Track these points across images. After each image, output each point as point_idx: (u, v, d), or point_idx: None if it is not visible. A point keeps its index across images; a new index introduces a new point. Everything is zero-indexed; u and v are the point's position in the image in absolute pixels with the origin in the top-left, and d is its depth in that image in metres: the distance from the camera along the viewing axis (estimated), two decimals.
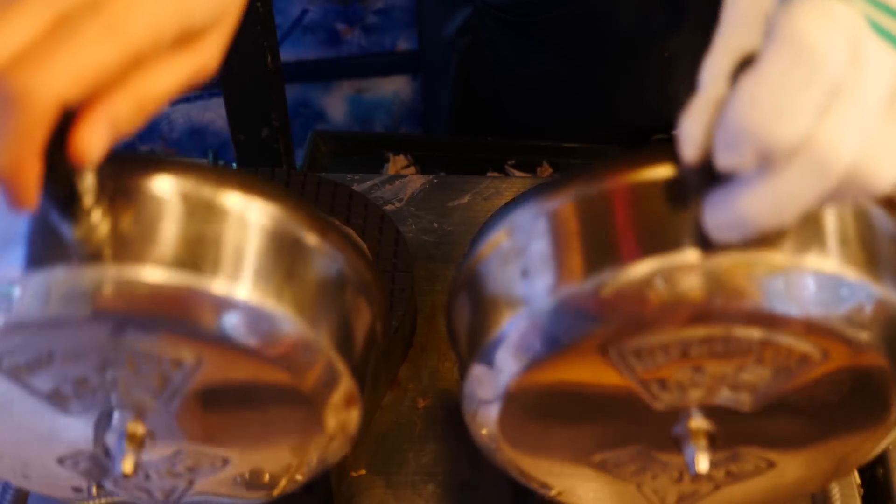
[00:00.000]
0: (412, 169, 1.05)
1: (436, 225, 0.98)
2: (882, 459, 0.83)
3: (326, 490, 0.77)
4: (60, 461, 0.64)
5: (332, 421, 0.61)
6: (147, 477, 0.65)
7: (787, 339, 0.53)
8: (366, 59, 1.57)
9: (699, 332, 0.53)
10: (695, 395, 0.57)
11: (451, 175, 1.02)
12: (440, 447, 0.83)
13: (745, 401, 0.58)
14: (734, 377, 0.56)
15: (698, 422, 0.59)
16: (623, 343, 0.54)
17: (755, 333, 0.53)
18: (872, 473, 0.84)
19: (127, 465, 0.59)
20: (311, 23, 1.52)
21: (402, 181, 1.00)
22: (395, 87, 1.60)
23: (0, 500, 0.73)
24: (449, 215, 0.98)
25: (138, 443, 0.59)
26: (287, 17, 1.52)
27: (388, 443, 0.84)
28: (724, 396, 0.57)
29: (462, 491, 0.81)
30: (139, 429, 0.59)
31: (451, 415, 0.85)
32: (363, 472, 0.82)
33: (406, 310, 0.86)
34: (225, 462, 0.64)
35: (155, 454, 0.63)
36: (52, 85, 0.46)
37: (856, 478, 0.82)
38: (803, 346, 0.54)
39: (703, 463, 0.58)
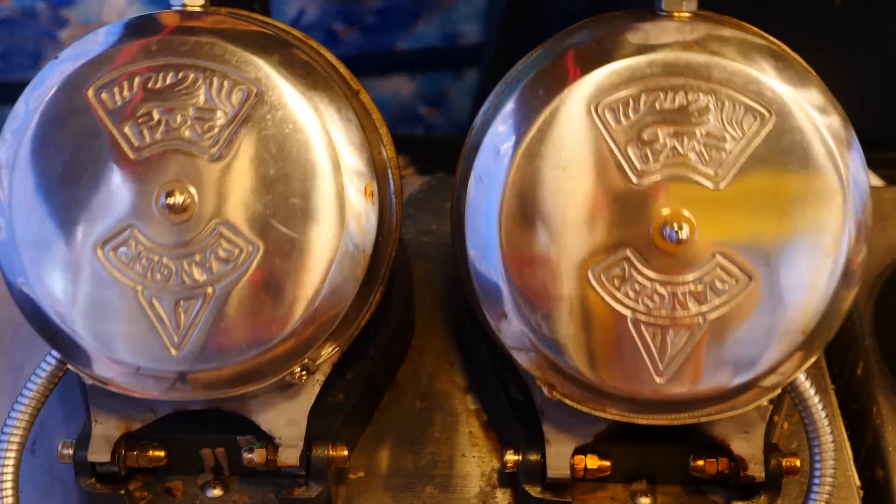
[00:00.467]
0: (411, 169, 1.05)
1: (434, 226, 0.97)
2: (882, 461, 0.83)
3: (325, 491, 0.77)
4: (102, 245, 0.69)
5: (349, 209, 0.70)
6: (172, 274, 0.69)
7: (736, 95, 0.69)
8: (364, 59, 1.56)
9: (657, 81, 0.69)
10: (667, 164, 0.69)
11: (450, 175, 1.01)
12: (438, 449, 0.83)
13: (709, 175, 0.69)
14: (698, 143, 0.69)
15: (673, 209, 0.69)
16: (598, 97, 0.69)
17: (712, 87, 0.69)
18: (872, 475, 0.83)
19: (174, 198, 0.68)
20: (309, 23, 1.52)
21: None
22: (393, 87, 1.60)
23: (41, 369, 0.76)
24: (448, 216, 0.97)
25: (185, 203, 0.69)
26: (285, 17, 1.52)
27: (386, 445, 0.84)
28: (692, 168, 0.69)
29: (460, 492, 0.81)
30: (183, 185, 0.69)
31: (449, 416, 0.85)
32: (361, 473, 0.82)
33: (404, 311, 0.86)
34: (249, 254, 0.69)
35: (191, 227, 0.70)
36: None
37: (855, 479, 0.82)
38: (751, 103, 0.69)
39: (684, 231, 0.68)
